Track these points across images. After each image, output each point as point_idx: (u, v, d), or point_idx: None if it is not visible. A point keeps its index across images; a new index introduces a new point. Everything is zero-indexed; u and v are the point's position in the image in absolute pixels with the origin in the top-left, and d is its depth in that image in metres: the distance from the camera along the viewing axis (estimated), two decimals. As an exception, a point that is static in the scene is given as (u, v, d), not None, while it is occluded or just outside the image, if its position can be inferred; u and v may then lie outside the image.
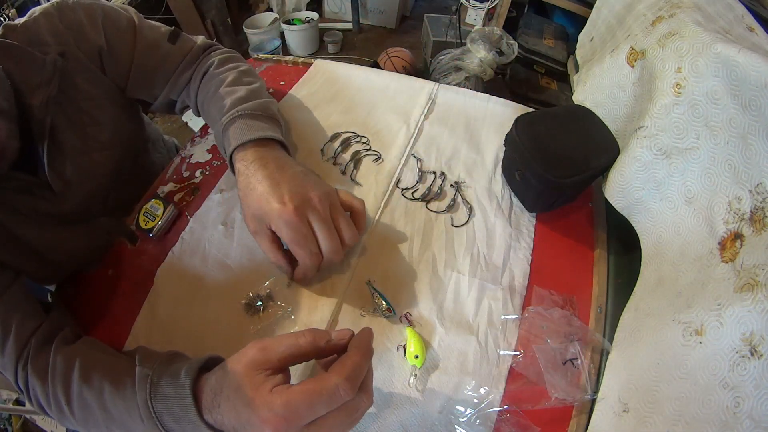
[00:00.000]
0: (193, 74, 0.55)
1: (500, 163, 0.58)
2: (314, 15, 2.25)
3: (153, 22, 0.54)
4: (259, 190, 0.41)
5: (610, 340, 0.42)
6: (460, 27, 1.56)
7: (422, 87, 0.70)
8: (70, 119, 0.47)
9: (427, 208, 0.54)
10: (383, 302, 0.45)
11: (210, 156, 0.63)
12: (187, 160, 0.63)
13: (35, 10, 0.46)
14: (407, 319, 0.45)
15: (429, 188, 0.56)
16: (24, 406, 1.18)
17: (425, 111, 0.66)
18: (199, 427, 0.32)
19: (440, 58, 1.15)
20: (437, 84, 0.70)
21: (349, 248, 0.45)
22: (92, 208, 0.52)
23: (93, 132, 0.50)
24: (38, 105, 0.43)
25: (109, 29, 0.49)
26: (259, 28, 2.17)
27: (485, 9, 1.43)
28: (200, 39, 0.57)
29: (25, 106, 0.42)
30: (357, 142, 0.62)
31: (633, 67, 0.47)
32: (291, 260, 0.44)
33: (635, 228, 0.47)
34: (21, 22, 0.46)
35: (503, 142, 0.53)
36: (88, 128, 0.49)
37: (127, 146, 0.56)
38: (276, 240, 0.43)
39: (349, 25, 2.36)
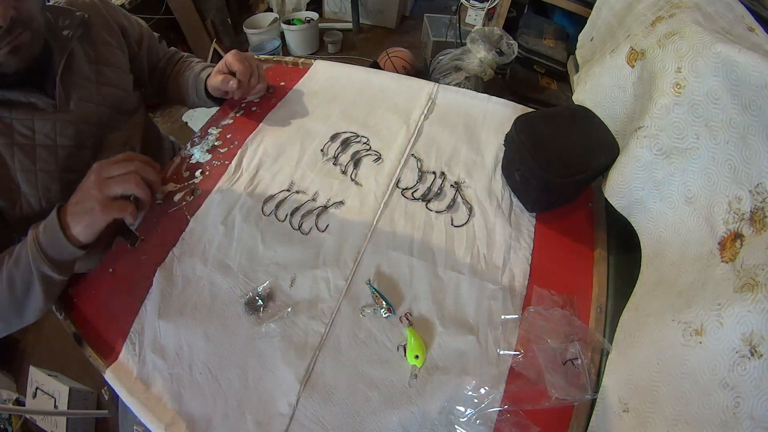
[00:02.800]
0: (169, 61, 0.77)
1: (500, 163, 0.58)
2: (314, 15, 2.25)
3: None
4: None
5: (610, 340, 0.42)
6: (460, 27, 1.56)
7: (422, 87, 0.70)
8: (86, 53, 0.59)
9: (427, 208, 0.54)
10: (383, 302, 0.45)
11: (210, 156, 0.63)
12: (187, 160, 0.63)
13: None
14: (407, 319, 0.45)
15: (429, 188, 0.56)
16: (24, 406, 1.18)
17: (425, 111, 0.66)
18: (51, 212, 0.47)
19: (440, 58, 1.15)
20: (437, 84, 0.70)
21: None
22: (85, 139, 0.58)
23: (105, 70, 0.61)
24: (63, 37, 0.56)
25: (128, 20, 0.68)
26: (259, 28, 2.17)
27: (485, 9, 1.43)
28: (171, 48, 0.80)
29: (51, 41, 0.54)
30: (357, 142, 0.62)
31: (633, 67, 0.47)
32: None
33: (635, 228, 0.47)
34: None
35: (503, 142, 0.53)
36: (101, 66, 0.61)
37: (128, 92, 0.65)
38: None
39: (349, 25, 2.36)
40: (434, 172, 0.58)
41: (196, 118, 1.91)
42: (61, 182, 0.55)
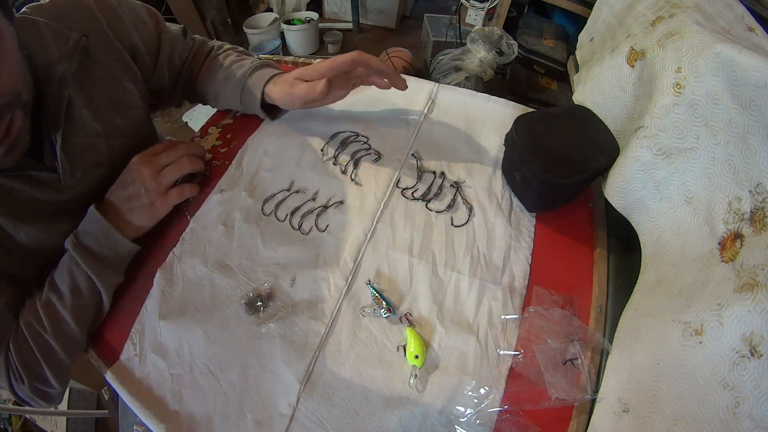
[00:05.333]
0: (195, 57, 0.64)
1: (500, 163, 0.58)
2: (314, 15, 2.25)
3: (168, 24, 0.61)
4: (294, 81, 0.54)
5: (610, 340, 0.42)
6: (460, 27, 1.56)
7: (422, 87, 0.70)
8: (89, 97, 0.47)
9: (427, 208, 0.54)
10: (383, 302, 0.45)
11: (210, 156, 0.63)
12: (187, 160, 0.63)
13: None
14: (407, 319, 0.45)
15: (429, 188, 0.56)
16: (24, 405, 1.18)
17: (425, 111, 0.66)
18: (96, 218, 0.46)
19: (440, 58, 1.15)
20: (437, 84, 0.70)
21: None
22: (96, 200, 0.49)
23: (110, 115, 0.50)
24: (57, 79, 0.42)
25: (140, 27, 0.54)
26: (259, 28, 2.17)
27: (485, 9, 1.43)
28: (197, 36, 0.66)
29: (42, 83, 0.41)
30: (357, 141, 0.62)
31: (633, 67, 0.47)
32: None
33: (635, 228, 0.47)
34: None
35: (503, 142, 0.53)
36: (105, 111, 0.49)
37: (141, 137, 0.56)
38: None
39: (349, 25, 2.36)
40: (434, 172, 0.58)
41: (196, 118, 1.91)
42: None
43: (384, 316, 0.45)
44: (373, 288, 0.46)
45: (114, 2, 0.51)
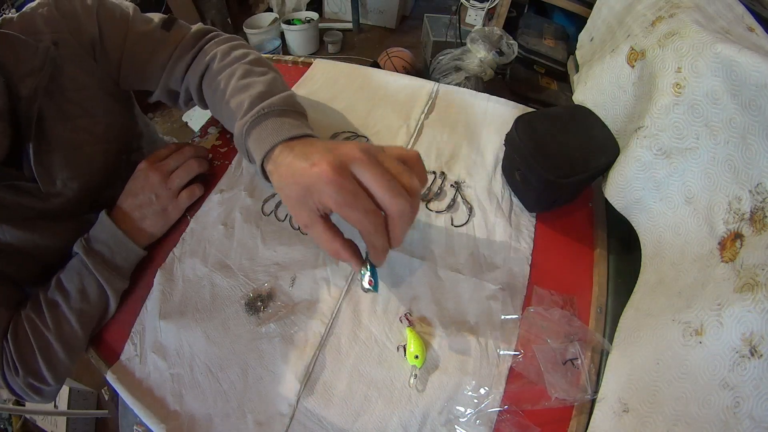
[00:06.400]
0: (191, 64, 0.52)
1: (500, 163, 0.58)
2: (314, 15, 2.25)
3: (150, 15, 0.52)
4: (292, 169, 0.36)
5: (610, 340, 0.42)
6: (460, 27, 1.56)
7: (422, 87, 0.70)
8: (60, 110, 0.45)
9: (427, 208, 0.54)
10: (367, 274, 0.39)
11: (210, 156, 0.63)
12: (187, 160, 0.63)
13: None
14: (407, 320, 0.45)
15: (429, 188, 0.56)
16: (24, 405, 1.19)
17: (425, 111, 0.66)
18: (108, 225, 0.47)
19: (440, 58, 1.15)
20: (437, 84, 0.70)
21: (418, 194, 0.35)
22: (81, 206, 0.50)
23: (85, 124, 0.48)
24: (26, 95, 0.41)
25: (103, 19, 0.48)
26: (259, 28, 2.17)
27: (485, 9, 1.43)
28: (196, 25, 0.55)
29: (13, 97, 0.41)
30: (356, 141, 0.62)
31: (633, 67, 0.47)
32: (354, 250, 0.38)
33: (635, 228, 0.47)
34: (19, 12, 0.45)
35: (503, 142, 0.53)
36: (79, 120, 0.47)
37: (122, 141, 0.55)
38: (333, 227, 0.37)
39: (349, 25, 2.36)
40: (434, 172, 0.58)
41: (196, 118, 1.91)
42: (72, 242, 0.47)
43: (364, 289, 0.40)
44: (371, 269, 0.40)
45: (73, 4, 0.46)
